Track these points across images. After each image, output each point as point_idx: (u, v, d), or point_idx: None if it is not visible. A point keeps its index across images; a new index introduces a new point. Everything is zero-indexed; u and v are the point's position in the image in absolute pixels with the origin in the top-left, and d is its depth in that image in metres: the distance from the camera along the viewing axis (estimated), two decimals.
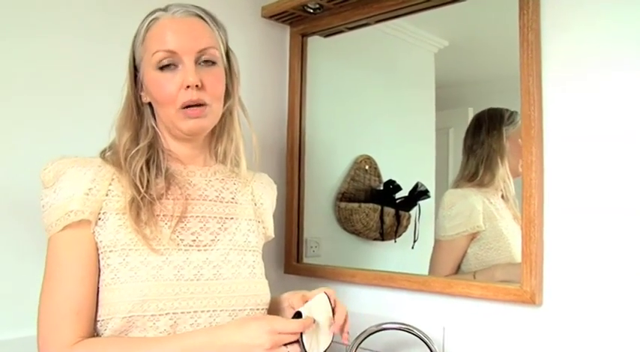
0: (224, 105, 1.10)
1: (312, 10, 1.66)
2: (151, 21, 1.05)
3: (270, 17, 1.74)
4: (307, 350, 0.96)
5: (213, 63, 1.05)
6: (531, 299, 1.22)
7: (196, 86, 1.00)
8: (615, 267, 1.14)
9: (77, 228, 0.96)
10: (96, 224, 0.98)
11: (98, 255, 0.98)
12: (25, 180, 1.20)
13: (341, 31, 1.70)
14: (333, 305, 1.07)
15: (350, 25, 1.67)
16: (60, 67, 1.33)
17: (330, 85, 1.79)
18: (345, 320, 1.06)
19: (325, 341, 1.03)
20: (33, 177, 1.02)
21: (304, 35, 1.78)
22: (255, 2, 1.74)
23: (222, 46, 1.08)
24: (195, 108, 1.01)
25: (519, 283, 1.24)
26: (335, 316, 1.05)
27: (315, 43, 1.78)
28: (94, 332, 0.98)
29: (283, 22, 1.78)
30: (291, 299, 1.12)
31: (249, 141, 1.16)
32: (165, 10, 1.05)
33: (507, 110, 1.40)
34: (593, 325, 1.16)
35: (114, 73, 1.12)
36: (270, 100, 1.78)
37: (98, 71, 1.37)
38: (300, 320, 0.94)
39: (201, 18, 1.06)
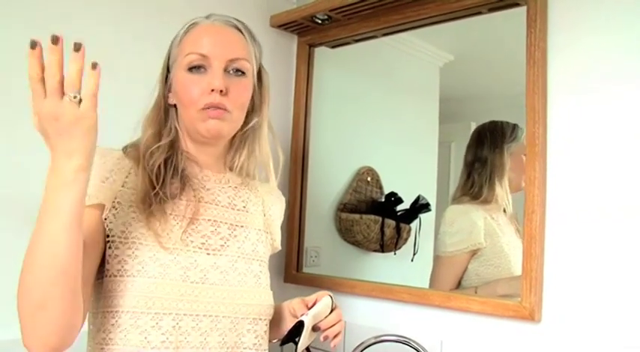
0: (249, 120, 1.11)
1: (320, 21, 1.67)
2: (190, 25, 1.08)
3: (279, 27, 1.75)
4: (298, 348, 0.97)
5: (243, 73, 1.06)
6: (530, 315, 1.22)
7: (220, 91, 1.01)
8: (616, 285, 1.14)
9: (89, 209, 0.94)
10: (109, 211, 0.97)
11: (106, 242, 0.97)
12: (23, 178, 1.20)
13: (348, 43, 1.72)
14: (333, 307, 1.09)
15: (357, 37, 1.68)
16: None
17: (335, 95, 1.81)
18: (334, 325, 1.08)
19: (312, 337, 1.06)
20: (31, 175, 1.02)
21: (312, 45, 1.79)
22: (264, 11, 1.75)
23: (254, 61, 1.10)
24: (215, 109, 1.02)
25: (519, 298, 1.24)
26: (326, 319, 1.07)
27: (321, 53, 1.80)
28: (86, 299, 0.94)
29: (291, 31, 1.79)
30: (290, 305, 1.13)
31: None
32: (206, 17, 1.09)
33: (508, 124, 1.41)
34: (592, 343, 1.16)
35: (126, 77, 1.13)
36: (275, 109, 1.76)
37: (110, 69, 1.38)
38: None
39: (239, 30, 1.09)
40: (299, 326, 1.02)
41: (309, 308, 1.08)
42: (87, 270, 0.93)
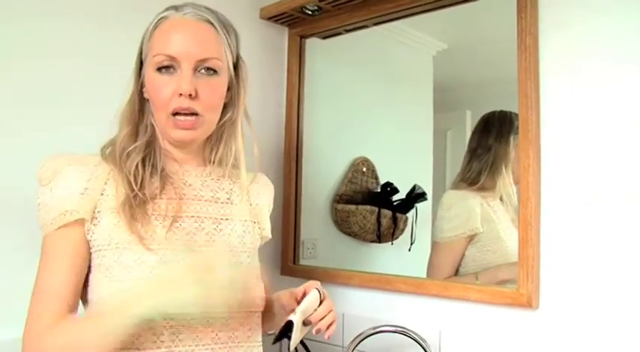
0: (225, 113, 1.09)
1: (310, 12, 1.66)
2: (160, 19, 1.03)
3: (269, 19, 1.74)
4: (290, 346, 0.97)
5: (215, 72, 1.02)
6: (528, 302, 1.22)
7: (189, 95, 0.98)
8: (612, 271, 1.14)
9: (71, 227, 0.96)
10: (91, 222, 0.97)
11: (90, 254, 0.98)
12: (21, 179, 1.19)
13: (339, 33, 1.71)
14: (322, 298, 1.07)
15: (348, 27, 1.67)
16: (59, 64, 1.33)
17: (328, 86, 1.80)
18: (325, 316, 1.06)
19: (304, 331, 1.05)
20: (29, 176, 1.02)
21: (302, 37, 1.78)
22: (254, 3, 1.74)
23: (229, 56, 1.06)
24: (186, 118, 1.00)
25: (516, 286, 1.24)
26: (316, 312, 1.05)
27: (313, 44, 1.79)
28: None
29: (282, 23, 1.78)
30: (280, 300, 1.11)
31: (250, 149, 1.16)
32: (176, 9, 1.03)
33: (517, 115, 1.38)
34: (590, 329, 1.16)
35: (118, 76, 1.12)
36: (268, 102, 1.78)
37: (97, 70, 1.38)
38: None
39: (212, 24, 1.03)
40: (289, 325, 1.01)
41: (298, 302, 1.07)
42: (79, 285, 0.98)
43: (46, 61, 1.30)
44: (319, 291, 1.08)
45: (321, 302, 1.08)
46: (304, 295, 1.08)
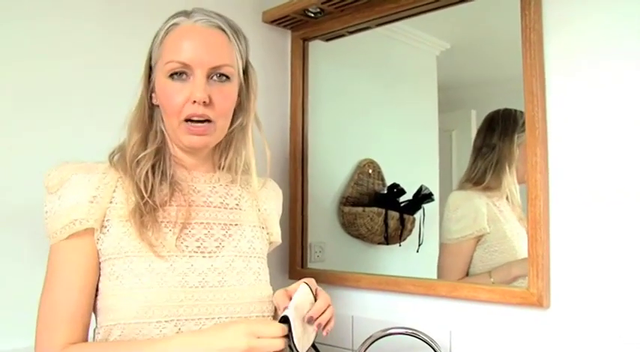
0: (235, 119, 1.09)
1: (313, 15, 1.65)
2: (171, 25, 1.03)
3: (271, 22, 1.74)
4: (296, 345, 0.96)
5: (227, 78, 1.03)
6: (538, 301, 1.21)
7: (203, 102, 0.99)
8: (623, 269, 1.12)
9: (81, 237, 0.96)
10: (100, 231, 0.97)
11: (99, 263, 0.98)
12: (25, 186, 1.20)
13: (342, 35, 1.70)
14: (314, 294, 1.05)
15: (351, 29, 1.66)
16: (59, 64, 1.33)
17: (332, 88, 1.79)
18: (326, 310, 1.04)
19: (312, 334, 1.03)
20: (33, 183, 1.02)
21: (305, 39, 1.78)
22: (256, 7, 1.74)
23: (240, 62, 1.06)
24: (199, 124, 1.00)
25: (527, 285, 1.23)
26: (314, 306, 1.03)
27: (316, 47, 1.78)
28: (87, 339, 0.98)
29: (284, 26, 1.77)
30: (276, 299, 1.10)
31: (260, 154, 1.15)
32: (187, 16, 1.03)
33: (522, 113, 1.37)
34: (601, 328, 1.15)
35: (118, 76, 1.12)
36: (272, 105, 1.78)
37: (98, 70, 1.38)
38: (281, 325, 0.93)
39: (223, 31, 1.04)
40: (284, 320, 0.99)
41: (291, 298, 1.04)
42: (92, 302, 0.98)
43: (46, 61, 1.30)
44: (309, 286, 1.06)
45: (315, 298, 1.06)
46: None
